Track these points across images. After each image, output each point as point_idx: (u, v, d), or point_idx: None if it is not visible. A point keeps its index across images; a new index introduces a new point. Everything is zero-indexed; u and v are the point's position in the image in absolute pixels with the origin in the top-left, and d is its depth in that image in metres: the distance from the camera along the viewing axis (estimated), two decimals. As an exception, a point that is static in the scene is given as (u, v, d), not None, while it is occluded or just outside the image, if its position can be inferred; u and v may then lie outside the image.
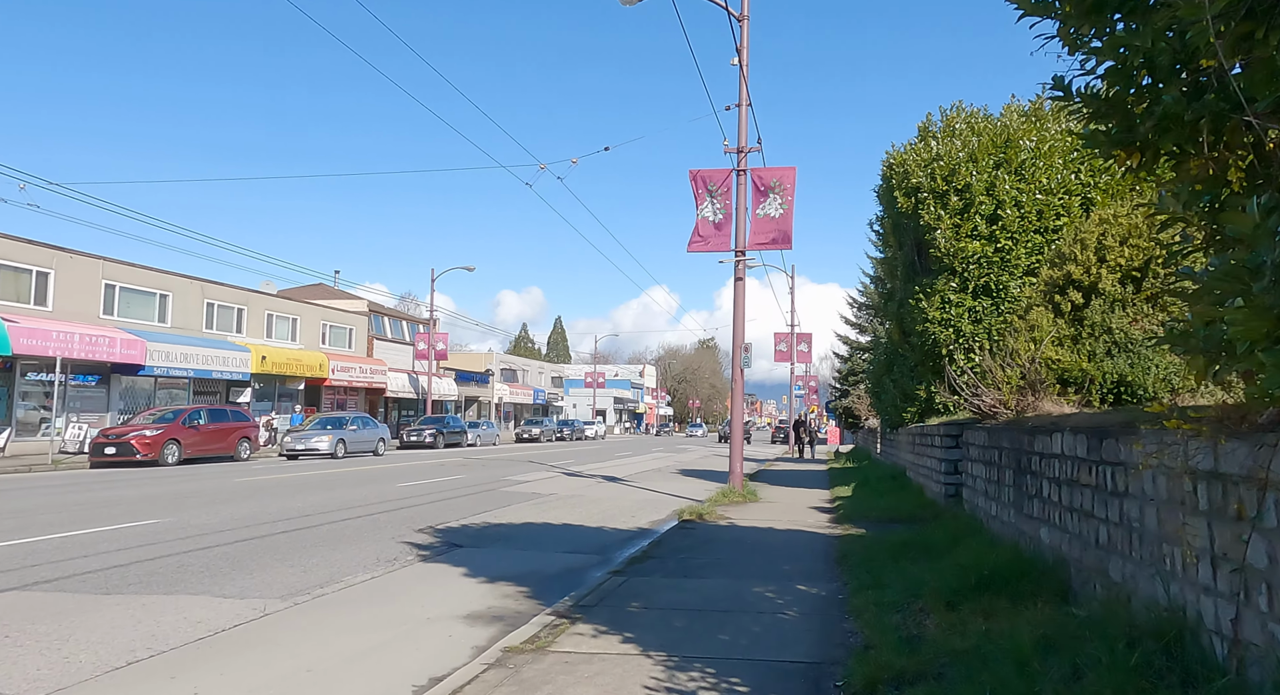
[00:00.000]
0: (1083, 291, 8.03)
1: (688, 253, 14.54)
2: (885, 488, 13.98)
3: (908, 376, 15.35)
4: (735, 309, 14.43)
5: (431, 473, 19.83)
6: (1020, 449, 6.22)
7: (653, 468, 24.38)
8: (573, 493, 15.54)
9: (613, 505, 13.55)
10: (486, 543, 9.17)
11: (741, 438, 14.33)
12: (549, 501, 13.84)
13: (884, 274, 17.71)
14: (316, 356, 35.40)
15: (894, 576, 6.15)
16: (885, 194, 16.26)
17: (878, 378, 16.87)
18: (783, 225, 14.01)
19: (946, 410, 13.80)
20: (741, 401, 14.44)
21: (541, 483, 17.62)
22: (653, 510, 12.97)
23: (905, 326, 15.45)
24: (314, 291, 43.99)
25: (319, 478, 17.72)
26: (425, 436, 36.84)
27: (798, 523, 10.61)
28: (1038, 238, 13.24)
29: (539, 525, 10.76)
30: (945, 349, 13.52)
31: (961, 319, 13.41)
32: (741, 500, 13.59)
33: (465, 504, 13.01)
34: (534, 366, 69.86)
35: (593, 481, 18.47)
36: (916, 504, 11.08)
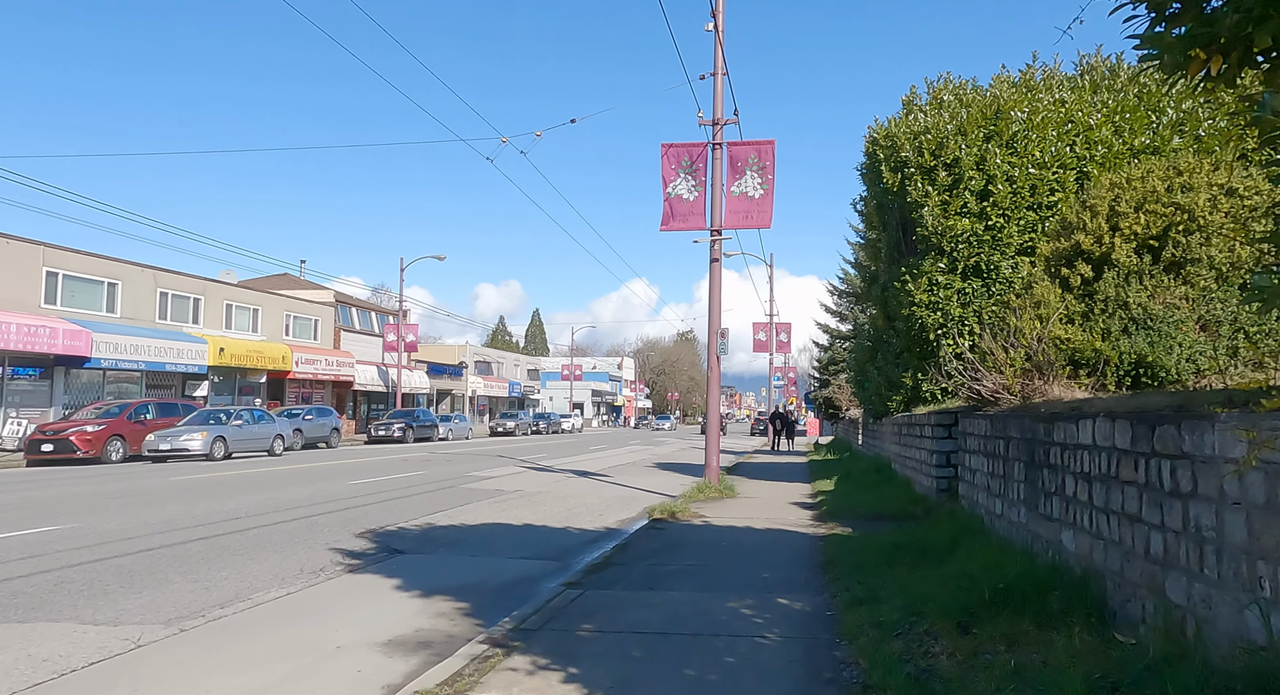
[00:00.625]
0: (1093, 264, 7.22)
1: (661, 232, 13.64)
2: (870, 481, 13.18)
3: (893, 364, 14.57)
4: (711, 293, 13.54)
5: (391, 468, 18.78)
6: (1034, 439, 5.38)
7: (627, 461, 23.49)
8: (539, 489, 14.60)
9: (580, 503, 12.63)
10: (432, 548, 8.21)
11: (717, 430, 13.47)
12: (511, 499, 12.89)
13: (867, 257, 16.92)
14: (279, 348, 34.08)
15: (890, 587, 5.28)
16: (870, 171, 15.45)
17: (861, 366, 16.09)
18: (762, 204, 13.13)
19: (934, 399, 13.05)
20: (718, 391, 13.58)
21: (507, 479, 16.65)
22: (623, 508, 12.06)
23: (890, 311, 14.66)
24: (279, 282, 42.51)
25: (266, 475, 16.61)
26: (394, 431, 35.66)
27: (778, 521, 9.76)
28: (1031, 215, 12.48)
29: (496, 526, 9.82)
30: (933, 334, 12.75)
31: (950, 302, 12.63)
32: (718, 496, 12.72)
33: (419, 503, 12.02)
34: (509, 359, 68.67)
35: (562, 477, 17.53)
36: (906, 499, 10.27)
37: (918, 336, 13.06)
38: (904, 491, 11.20)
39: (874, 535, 7.75)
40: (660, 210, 13.52)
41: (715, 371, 13.51)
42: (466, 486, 14.71)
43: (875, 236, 16.18)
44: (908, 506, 9.75)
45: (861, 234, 29.96)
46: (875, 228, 16.00)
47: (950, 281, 12.71)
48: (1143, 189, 7.07)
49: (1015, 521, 5.88)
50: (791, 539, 8.32)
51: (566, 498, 13.26)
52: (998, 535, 6.33)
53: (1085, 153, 12.32)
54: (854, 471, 15.14)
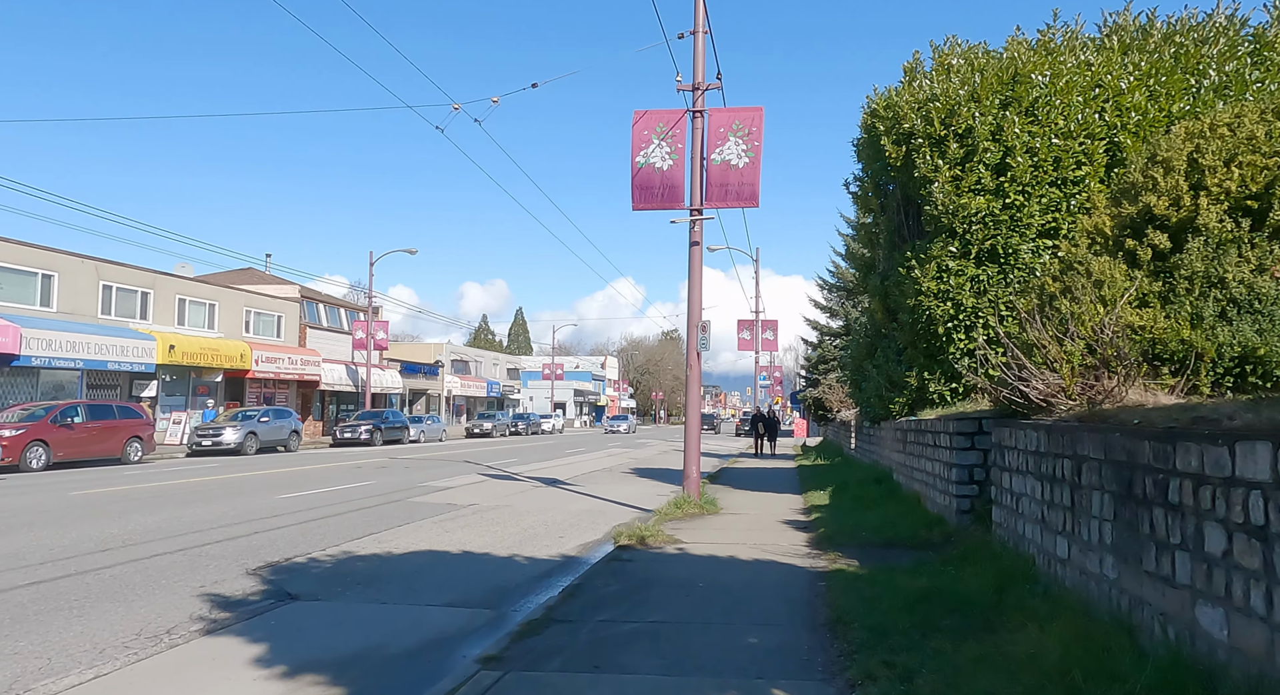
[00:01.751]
0: (1169, 231, 5.67)
1: (634, 211, 11.99)
2: (871, 495, 11.62)
3: (894, 362, 13.02)
4: (690, 280, 11.92)
5: (339, 477, 17.02)
6: (1135, 463, 3.80)
7: (603, 467, 21.85)
8: (498, 502, 12.93)
9: (539, 521, 10.98)
10: (339, 589, 6.54)
11: (698, 435, 11.86)
12: (462, 516, 11.22)
13: (863, 243, 15.37)
14: (237, 346, 32.13)
15: (932, 676, 3.69)
16: (868, 146, 13.89)
17: (857, 364, 14.55)
18: (747, 176, 11.53)
19: (943, 401, 11.51)
20: (698, 391, 11.99)
21: (465, 489, 14.96)
22: (588, 527, 10.44)
23: (891, 303, 13.12)
24: (242, 277, 40.50)
25: (188, 488, 14.83)
26: (360, 433, 33.84)
27: (767, 548, 8.15)
28: (1054, 192, 10.97)
29: (430, 555, 8.16)
30: (942, 327, 11.21)
31: (962, 290, 11.10)
32: (698, 512, 11.12)
33: (351, 523, 10.33)
34: (488, 358, 66.80)
35: (528, 486, 15.87)
36: (918, 520, 8.70)
37: (925, 330, 11.51)
38: (913, 510, 9.63)
39: (890, 574, 6.16)
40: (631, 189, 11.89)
41: (695, 369, 11.90)
42: (416, 500, 13.01)
43: (873, 219, 14.62)
44: (922, 531, 8.18)
45: (853, 225, 28.41)
46: (873, 210, 14.44)
47: (962, 267, 11.19)
48: (1234, 139, 5.53)
49: (1096, 575, 4.30)
50: (786, 577, 6.72)
51: (525, 514, 11.61)
52: (1061, 587, 4.75)
53: (1116, 120, 10.82)
54: (850, 482, 13.58)
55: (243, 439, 25.55)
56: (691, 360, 11.88)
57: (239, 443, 25.42)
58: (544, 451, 29.84)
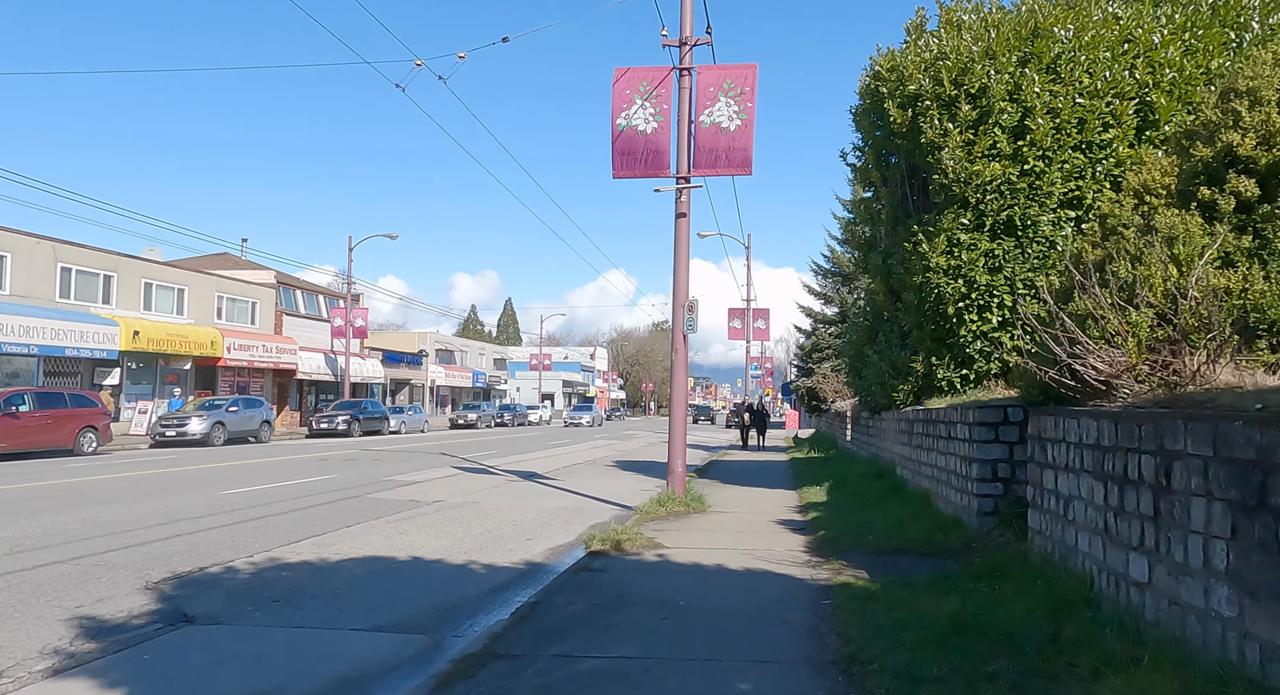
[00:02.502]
0: (1258, 176, 4.62)
1: (614, 179, 10.88)
2: (873, 492, 10.61)
3: (897, 347, 11.99)
4: (677, 256, 10.83)
5: (300, 471, 15.88)
6: (1270, 464, 2.75)
7: (586, 459, 20.79)
8: (466, 499, 11.85)
9: (508, 520, 9.91)
10: (249, 608, 5.45)
11: (684, 427, 10.79)
12: (422, 515, 10.13)
13: (863, 220, 14.31)
14: (208, 333, 30.84)
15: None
16: (869, 112, 12.80)
17: (857, 350, 13.51)
18: (739, 140, 10.43)
19: (952, 388, 10.49)
20: (684, 379, 10.92)
21: (434, 484, 13.87)
22: (561, 527, 9.38)
23: (895, 282, 12.08)
24: (218, 262, 39.13)
25: (126, 482, 13.67)
26: (338, 424, 32.66)
27: (760, 554, 7.10)
28: (1078, 158, 9.93)
29: (373, 563, 7.07)
30: (952, 307, 10.19)
31: (975, 267, 10.07)
32: (683, 510, 10.07)
33: (293, 523, 9.22)
34: (474, 347, 65.55)
35: (503, 480, 14.79)
36: (931, 522, 7.67)
37: (933, 311, 10.47)
38: (923, 510, 8.61)
39: (908, 590, 5.12)
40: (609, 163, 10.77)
41: (682, 353, 10.82)
42: (375, 496, 11.91)
43: (873, 195, 13.55)
44: (937, 535, 7.15)
45: (848, 206, 27.36)
46: (873, 184, 13.36)
47: (976, 241, 10.15)
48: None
49: (1199, 609, 3.25)
50: (783, 593, 5.66)
51: (493, 512, 10.53)
52: (1140, 620, 3.71)
53: (1148, 78, 9.77)
54: (849, 476, 12.56)
55: (209, 429, 24.34)
56: (677, 343, 10.81)
57: (205, 433, 24.22)
58: (526, 443, 28.76)
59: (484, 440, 30.91)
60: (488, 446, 25.74)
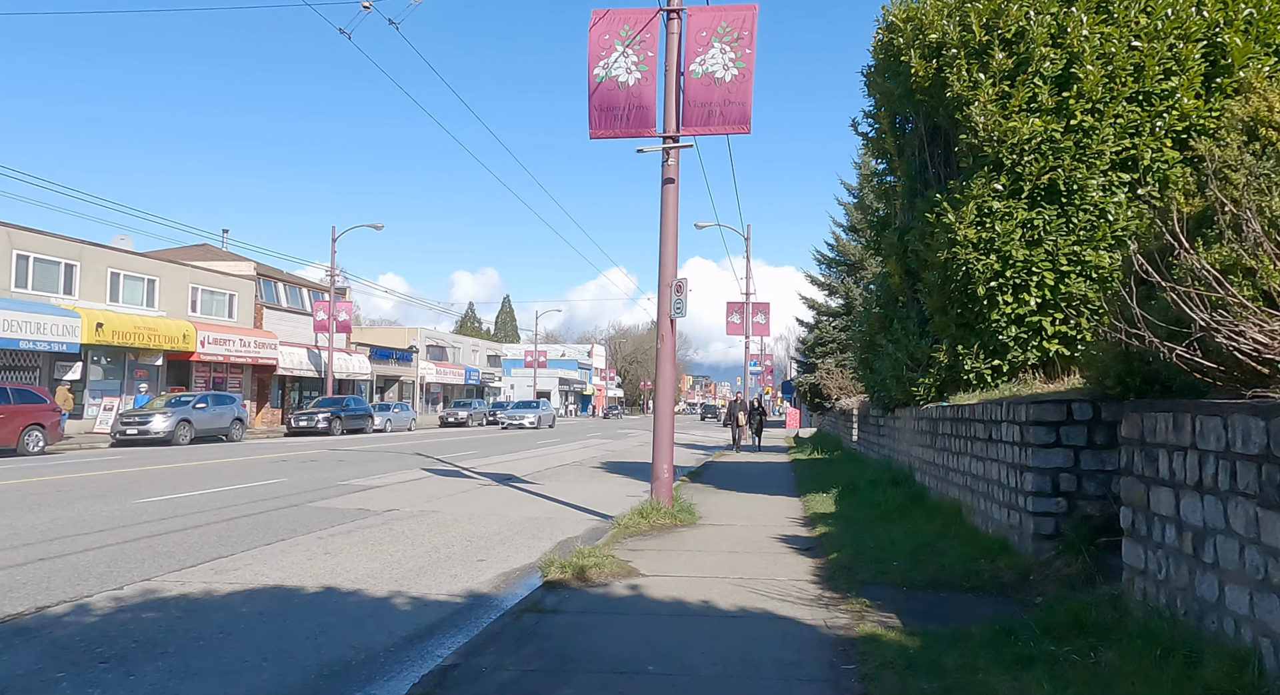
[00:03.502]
0: None
1: (591, 139, 9.42)
2: (889, 501, 9.14)
3: (915, 335, 10.54)
4: (663, 228, 9.37)
5: (250, 474, 14.42)
6: None
7: (571, 461, 19.33)
8: (425, 507, 10.40)
9: (465, 533, 8.47)
10: (63, 674, 4.01)
11: (670, 426, 9.34)
12: (365, 528, 8.68)
13: (876, 196, 12.84)
14: (180, 326, 29.37)
15: None
16: (883, 71, 11.36)
17: (868, 340, 12.05)
18: (735, 93, 8.96)
19: (981, 382, 9.05)
20: (671, 367, 9.46)
21: (394, 489, 12.41)
22: (524, 544, 7.93)
23: (913, 262, 10.64)
24: (197, 253, 37.67)
25: (45, 487, 12.21)
26: (318, 422, 31.20)
27: (758, 586, 5.65)
28: (1134, 111, 8.51)
29: (273, 595, 5.63)
30: (983, 287, 8.75)
31: (1010, 240, 8.63)
32: (668, 523, 8.62)
33: (202, 539, 7.76)
34: (467, 344, 64.05)
35: (473, 485, 13.33)
36: (969, 544, 6.22)
37: (959, 292, 9.05)
38: (955, 527, 7.16)
39: (961, 655, 3.68)
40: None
41: (668, 341, 9.36)
42: (321, 504, 10.45)
43: (887, 166, 12.08)
44: (980, 562, 5.70)
45: (854, 191, 25.87)
46: (888, 154, 11.89)
47: (1011, 209, 8.72)
48: None
49: None
50: (789, 649, 4.20)
51: (450, 524, 9.08)
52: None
53: (1219, 16, 8.34)
54: (859, 482, 11.10)
55: (173, 427, 22.87)
56: (664, 329, 9.34)
57: (169, 431, 22.75)
58: (513, 442, 27.30)
59: (470, 439, 29.47)
60: (471, 446, 24.28)
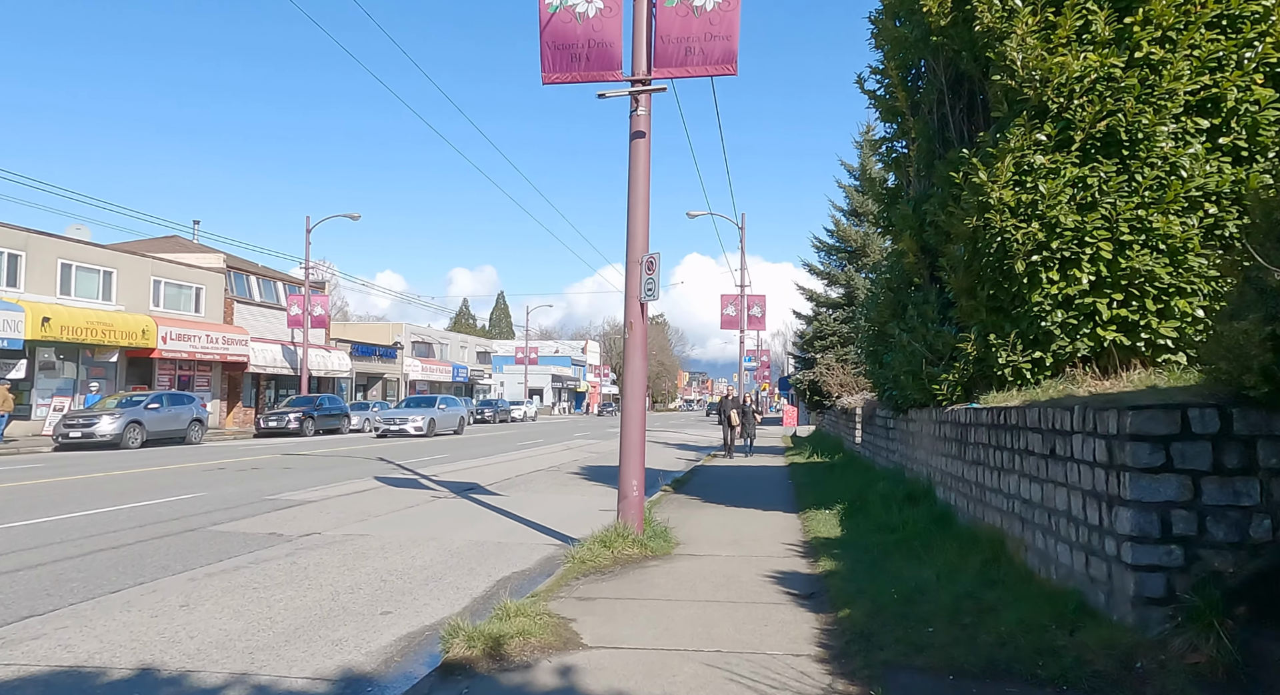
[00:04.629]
0: None
1: (544, 85, 7.74)
2: (908, 524, 7.48)
3: (935, 322, 8.90)
4: (632, 193, 7.68)
5: (170, 486, 12.72)
6: None
7: (551, 464, 17.67)
8: (352, 530, 8.74)
9: (384, 568, 6.81)
10: None
11: (641, 428, 7.68)
12: (260, 562, 7.01)
13: (885, 165, 11.15)
14: (139, 321, 27.63)
15: None
16: (893, 13, 9.80)
17: (877, 330, 10.38)
18: (719, 26, 7.28)
19: (1019, 378, 7.42)
20: (642, 360, 7.79)
21: (327, 505, 10.74)
22: (449, 585, 6.28)
23: (932, 236, 9.00)
24: (165, 245, 35.91)
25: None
26: (289, 422, 29.51)
27: (741, 672, 4.00)
28: (1216, 41, 6.90)
29: (63, 683, 3.97)
30: (1022, 262, 7.13)
31: (1057, 202, 7.01)
32: (636, 555, 6.98)
33: (33, 585, 6.09)
34: (455, 340, 62.30)
35: (424, 498, 11.67)
36: (1034, 603, 4.55)
37: (992, 268, 7.42)
38: (1000, 567, 5.50)
39: None
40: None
41: (639, 329, 7.68)
42: (223, 528, 8.77)
43: (899, 130, 10.41)
44: (1054, 634, 4.04)
45: (855, 173, 24.15)
46: (899, 113, 10.23)
47: (1059, 165, 7.09)
48: None
49: None
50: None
51: (372, 554, 7.42)
52: None
53: (1324, -84, 6.65)
54: (868, 496, 9.44)
55: (121, 430, 21.17)
56: (632, 315, 7.67)
57: (116, 434, 21.05)
58: (493, 444, 25.63)
59: (447, 441, 27.79)
60: (443, 449, 22.59)
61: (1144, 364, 7.03)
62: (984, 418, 6.66)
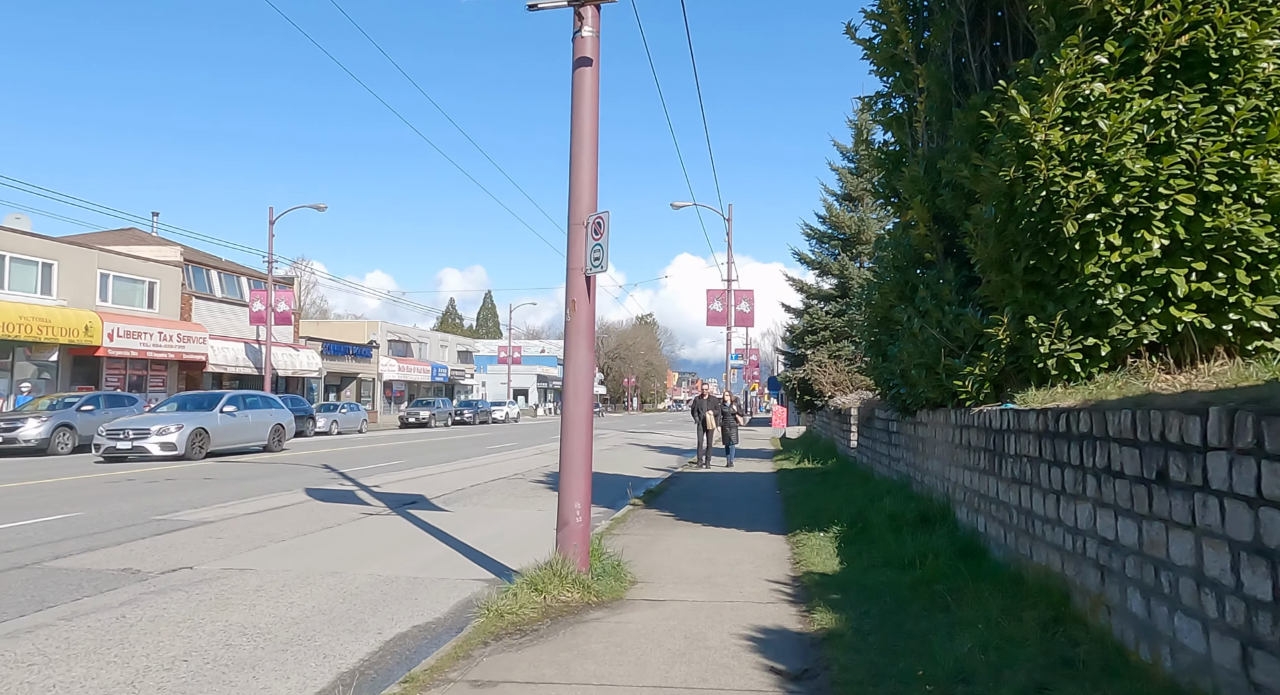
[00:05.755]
0: None
1: None
2: (927, 557, 5.84)
3: (955, 303, 7.27)
4: (575, 134, 6.03)
5: (55, 499, 10.96)
6: None
7: (512, 472, 15.98)
8: (233, 563, 7.04)
9: (236, 625, 5.13)
10: None
11: (585, 437, 6.02)
12: (76, 617, 5.32)
13: (887, 125, 9.46)
14: (81, 316, 25.75)
15: None
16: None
17: (882, 315, 8.74)
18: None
19: (1066, 371, 5.81)
20: (587, 352, 6.13)
21: (223, 527, 9.03)
22: (314, 649, 4.61)
23: (948, 201, 7.39)
24: (120, 237, 33.99)
25: None
26: (246, 424, 27.60)
27: None
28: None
29: None
30: (1073, 222, 5.46)
31: (1122, 143, 5.34)
32: (577, 601, 5.33)
33: None
34: (434, 339, 60.42)
35: (354, 514, 9.98)
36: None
37: (1033, 231, 5.80)
38: (1070, 630, 3.89)
39: None
40: None
41: (582, 311, 6.01)
42: (66, 563, 7.05)
43: (900, 80, 8.76)
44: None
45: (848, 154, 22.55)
46: (901, 61, 8.61)
47: (1123, 94, 5.46)
48: None
49: None
50: None
51: (235, 601, 5.73)
52: None
53: None
54: (871, 516, 7.80)
55: (49, 434, 19.34)
56: (575, 292, 6.01)
57: (43, 439, 19.23)
58: (458, 448, 23.91)
59: (411, 444, 26.04)
60: (402, 454, 20.86)
61: (1229, 353, 5.44)
62: (1032, 422, 5.03)
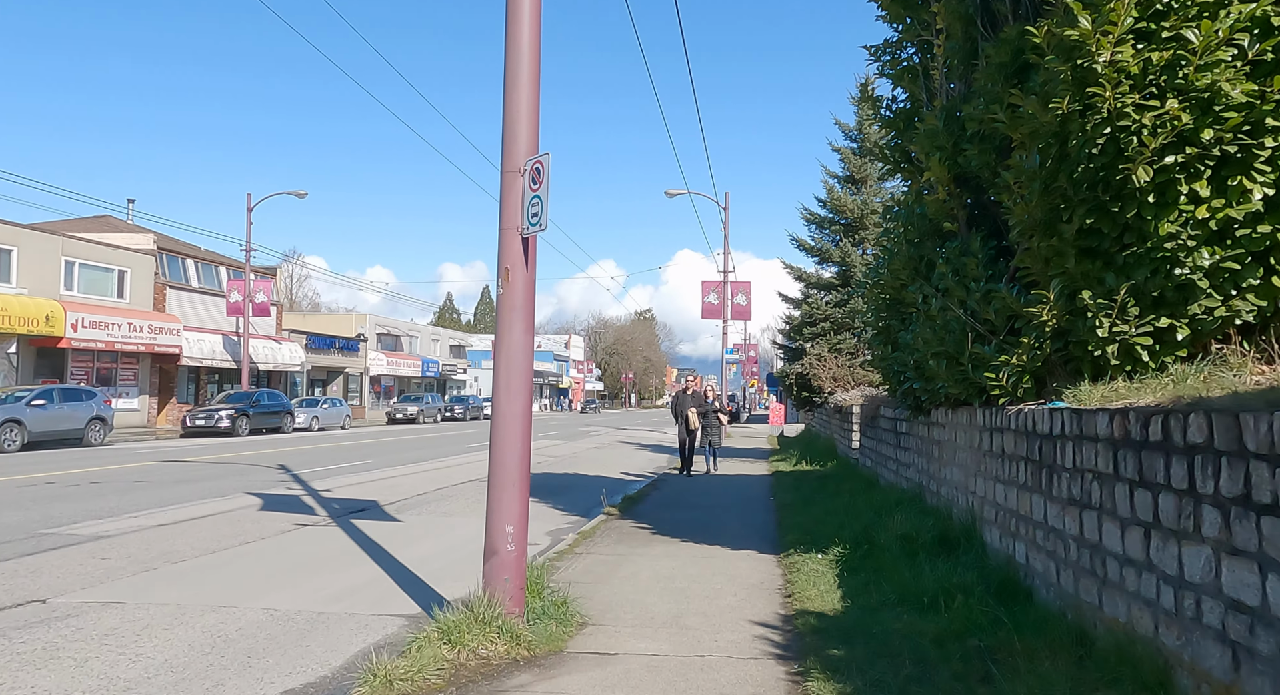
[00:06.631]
0: None
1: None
2: (956, 604, 4.58)
3: (983, 279, 5.96)
4: (510, 54, 4.76)
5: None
6: None
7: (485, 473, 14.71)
8: (108, 594, 5.79)
9: (52, 689, 3.85)
10: None
11: (523, 443, 4.78)
12: None
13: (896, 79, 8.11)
14: (43, 306, 24.47)
15: None
16: None
17: (892, 296, 7.46)
18: None
19: (1130, 359, 4.44)
20: (524, 335, 4.89)
21: (126, 540, 7.77)
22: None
23: (974, 157, 6.07)
24: (93, 225, 32.70)
25: None
26: (220, 420, 26.49)
27: None
28: None
29: None
30: (1144, 170, 3.97)
31: (1215, 61, 3.88)
32: (501, 657, 4.12)
33: None
34: (426, 333, 59.10)
35: (289, 524, 8.71)
36: None
37: (1090, 182, 4.37)
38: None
39: None
40: None
41: (518, 283, 4.74)
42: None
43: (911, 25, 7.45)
44: None
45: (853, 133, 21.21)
46: (911, 4, 7.30)
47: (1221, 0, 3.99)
48: None
49: None
50: None
51: (64, 653, 4.47)
52: None
53: None
54: (879, 534, 6.55)
55: (-7, 429, 18.08)
56: (510, 258, 4.74)
57: (-13, 435, 17.97)
58: (438, 445, 22.65)
59: (392, 441, 24.78)
60: (373, 452, 19.59)
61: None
62: (1101, 427, 3.76)
